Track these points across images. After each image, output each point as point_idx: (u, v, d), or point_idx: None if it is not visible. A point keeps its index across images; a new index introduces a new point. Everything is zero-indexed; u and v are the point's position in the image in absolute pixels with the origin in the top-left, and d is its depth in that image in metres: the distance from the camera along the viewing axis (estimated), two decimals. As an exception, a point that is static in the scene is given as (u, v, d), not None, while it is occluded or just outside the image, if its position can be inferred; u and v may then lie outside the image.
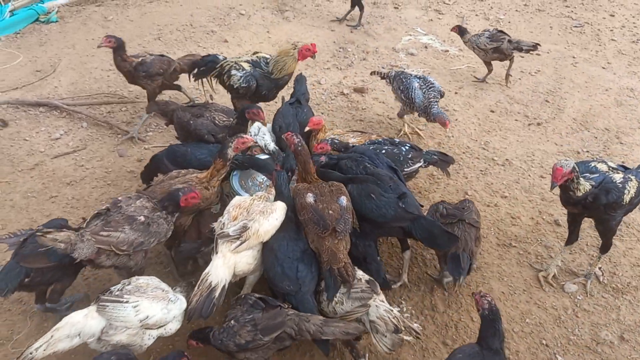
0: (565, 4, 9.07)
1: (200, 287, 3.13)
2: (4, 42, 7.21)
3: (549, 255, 4.32)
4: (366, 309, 3.20)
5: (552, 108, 6.31)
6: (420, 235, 3.65)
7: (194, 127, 4.39)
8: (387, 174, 3.81)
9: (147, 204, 3.46)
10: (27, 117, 5.74)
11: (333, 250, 3.30)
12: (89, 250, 3.21)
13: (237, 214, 3.37)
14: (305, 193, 3.48)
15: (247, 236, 3.24)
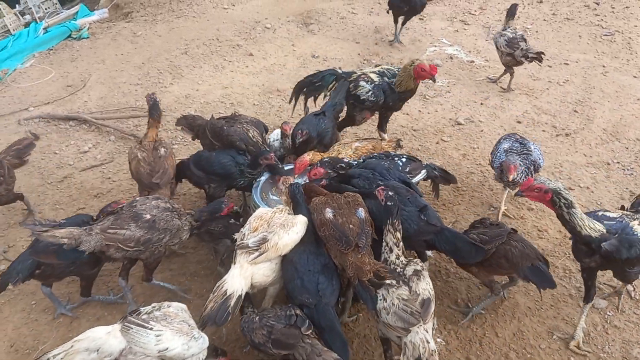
0: (595, 12, 8.91)
1: (215, 294, 3.13)
2: (38, 58, 7.46)
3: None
4: (406, 332, 3.04)
5: (581, 118, 6.18)
6: (445, 248, 3.57)
7: (227, 133, 4.41)
8: (403, 187, 3.76)
9: (161, 204, 3.58)
10: (58, 130, 5.90)
11: (358, 265, 3.24)
12: (96, 244, 3.35)
13: (257, 225, 3.38)
14: (323, 208, 3.43)
15: (265, 248, 3.24)
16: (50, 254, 3.40)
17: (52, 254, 3.40)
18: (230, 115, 4.82)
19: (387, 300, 3.11)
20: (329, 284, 3.29)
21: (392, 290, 3.13)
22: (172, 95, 6.61)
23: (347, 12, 8.98)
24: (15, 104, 6.39)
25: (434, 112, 6.36)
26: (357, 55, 7.66)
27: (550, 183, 3.29)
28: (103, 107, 6.32)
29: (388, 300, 3.10)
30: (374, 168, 3.95)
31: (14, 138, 5.72)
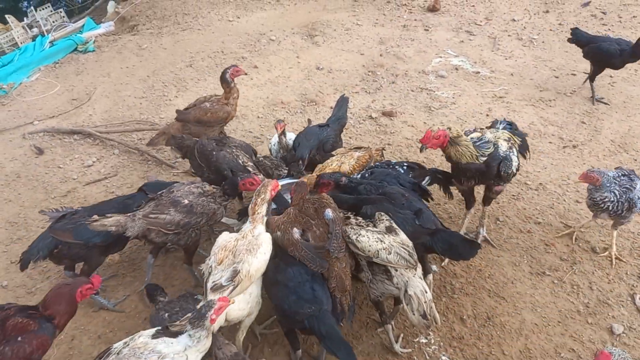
0: (602, 22, 8.84)
1: None
2: (44, 71, 7.50)
3: (585, 285, 4.12)
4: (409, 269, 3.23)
5: (588, 129, 6.10)
6: (442, 248, 3.51)
7: (215, 159, 4.34)
8: (399, 191, 3.74)
9: (195, 189, 3.83)
10: (62, 144, 5.91)
11: (341, 277, 3.23)
12: (140, 229, 3.64)
13: (223, 257, 3.21)
14: (290, 228, 3.34)
15: (239, 279, 3.09)
16: (67, 232, 3.64)
17: (69, 233, 3.64)
18: (219, 137, 4.74)
19: (385, 242, 3.26)
20: (323, 290, 3.24)
21: (385, 235, 3.32)
22: (177, 108, 6.58)
23: (352, 24, 8.98)
24: (21, 118, 6.42)
25: (439, 123, 6.31)
26: (361, 67, 7.64)
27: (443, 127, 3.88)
28: (108, 121, 6.32)
29: (386, 242, 3.27)
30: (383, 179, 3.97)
31: (19, 152, 5.79)
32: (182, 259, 4.27)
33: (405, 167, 4.35)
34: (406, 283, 3.20)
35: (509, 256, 4.42)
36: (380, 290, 3.36)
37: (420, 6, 9.72)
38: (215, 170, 4.32)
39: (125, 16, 9.63)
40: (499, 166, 3.94)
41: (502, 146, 4.00)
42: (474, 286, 4.14)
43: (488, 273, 4.25)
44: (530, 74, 7.43)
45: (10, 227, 4.81)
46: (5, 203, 5.08)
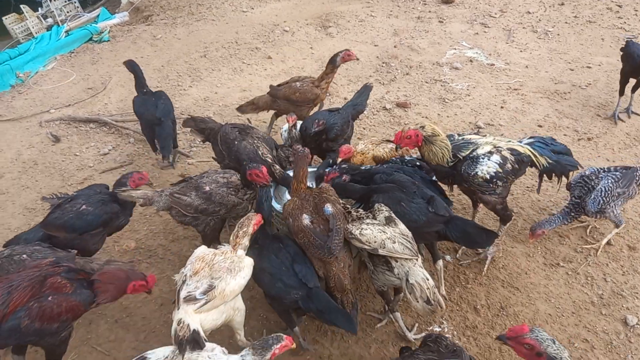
0: (618, 15, 8.76)
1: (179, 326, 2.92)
2: (59, 61, 7.55)
3: (599, 277, 4.11)
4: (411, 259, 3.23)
5: (603, 122, 6.07)
6: (456, 236, 3.54)
7: (236, 148, 4.36)
8: (408, 179, 3.73)
9: (220, 179, 3.88)
10: (78, 133, 5.96)
11: (340, 277, 3.26)
12: (165, 205, 3.79)
13: (199, 268, 3.12)
14: (300, 214, 3.37)
15: (212, 296, 3.01)
16: (60, 228, 3.61)
17: (62, 228, 3.61)
18: (244, 125, 4.72)
19: (388, 232, 3.26)
20: (307, 269, 3.28)
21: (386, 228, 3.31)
22: (191, 97, 6.64)
23: (366, 15, 8.96)
24: (37, 106, 6.48)
25: (453, 115, 6.31)
26: (375, 58, 7.63)
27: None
28: (123, 110, 6.36)
29: (389, 233, 3.26)
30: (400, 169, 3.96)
31: (36, 140, 5.85)
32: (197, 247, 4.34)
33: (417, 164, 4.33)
34: (407, 273, 3.22)
35: (523, 247, 4.42)
36: (381, 281, 3.38)
37: (435, -2, 9.68)
38: (235, 159, 4.35)
39: (140, 6, 9.67)
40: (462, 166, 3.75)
41: (481, 149, 3.78)
42: (488, 276, 4.15)
43: (502, 263, 4.26)
44: (545, 66, 7.38)
45: (28, 213, 4.88)
46: (23, 189, 5.15)
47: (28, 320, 2.79)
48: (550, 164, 3.94)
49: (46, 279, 2.92)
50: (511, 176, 3.83)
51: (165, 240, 4.51)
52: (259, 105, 5.41)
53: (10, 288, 2.84)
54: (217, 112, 6.34)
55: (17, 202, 4.99)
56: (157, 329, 3.76)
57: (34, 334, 2.85)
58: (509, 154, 3.79)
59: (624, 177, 4.20)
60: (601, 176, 4.23)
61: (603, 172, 4.28)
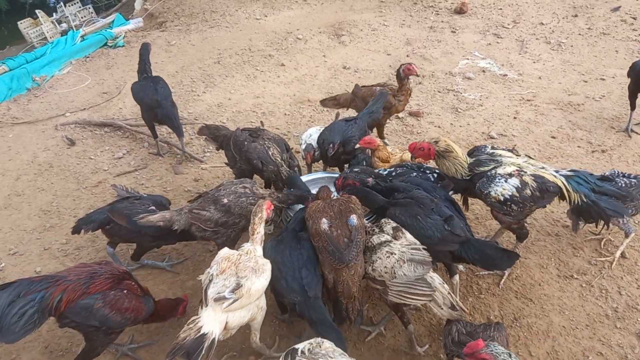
0: (632, 27, 8.75)
1: (189, 327, 2.96)
2: (75, 65, 7.63)
3: (614, 290, 4.09)
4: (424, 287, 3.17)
5: (617, 135, 6.04)
6: (473, 258, 3.48)
7: (246, 149, 4.43)
8: (428, 197, 3.70)
9: (240, 189, 3.85)
10: (93, 136, 6.01)
11: (349, 284, 3.25)
12: (185, 223, 3.74)
13: (225, 267, 3.20)
14: (319, 218, 3.40)
15: (240, 294, 3.07)
16: (123, 216, 3.76)
17: (125, 217, 3.75)
18: (256, 128, 4.79)
19: (396, 252, 3.23)
20: (313, 275, 3.30)
21: (392, 244, 3.28)
22: (205, 103, 6.69)
23: (379, 24, 9.00)
24: (53, 110, 6.55)
25: (466, 125, 6.31)
26: (388, 67, 7.66)
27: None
28: (137, 114, 6.40)
29: (397, 252, 3.23)
30: (419, 184, 3.89)
31: (51, 142, 5.91)
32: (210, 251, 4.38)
33: (436, 174, 4.31)
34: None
35: (536, 258, 4.40)
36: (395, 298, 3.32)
37: (448, 8, 9.71)
38: (246, 161, 4.39)
39: (154, 13, 9.76)
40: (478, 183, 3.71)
41: (502, 169, 3.72)
42: (501, 287, 4.13)
43: (515, 274, 4.24)
44: (559, 77, 7.38)
45: (44, 215, 4.92)
46: (38, 192, 5.20)
47: (102, 303, 3.09)
48: (586, 203, 3.72)
49: (124, 280, 3.26)
50: (529, 203, 3.70)
51: (179, 244, 4.53)
52: (340, 102, 5.61)
53: (93, 274, 3.17)
54: (230, 118, 6.38)
55: (32, 204, 5.04)
56: (170, 332, 3.77)
57: (99, 319, 3.09)
58: (532, 179, 3.66)
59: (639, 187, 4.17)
60: (617, 180, 4.19)
61: (622, 176, 4.25)
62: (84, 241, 4.62)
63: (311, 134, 5.01)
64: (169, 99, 5.46)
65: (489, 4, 9.87)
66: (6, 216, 4.90)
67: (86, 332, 3.21)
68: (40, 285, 3.03)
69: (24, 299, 2.94)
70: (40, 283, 3.05)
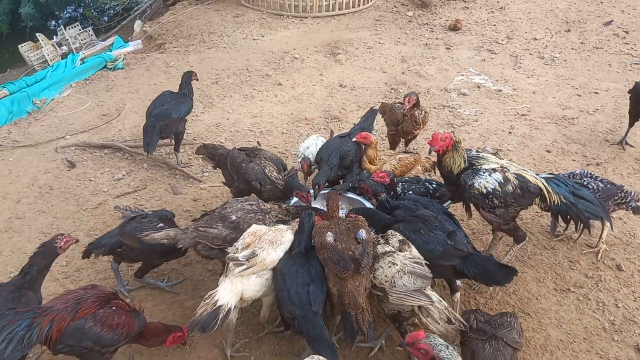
0: (625, 40, 8.88)
1: (205, 302, 3.24)
2: (75, 88, 7.72)
3: (611, 302, 4.11)
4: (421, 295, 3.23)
5: (612, 148, 6.11)
6: (474, 273, 3.53)
7: (244, 170, 4.47)
8: (432, 215, 3.77)
9: (247, 206, 3.89)
10: (93, 158, 6.07)
11: (354, 294, 3.28)
12: (190, 241, 3.73)
13: (250, 242, 3.50)
14: (325, 232, 3.49)
15: (253, 262, 3.35)
16: (135, 238, 3.75)
17: (136, 239, 3.75)
18: (252, 147, 4.87)
19: (397, 263, 3.30)
20: (320, 292, 3.35)
21: (396, 255, 3.35)
22: (203, 124, 6.76)
23: (374, 42, 9.11)
24: (53, 132, 6.61)
25: (462, 140, 6.34)
26: (384, 84, 7.75)
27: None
28: (137, 136, 6.48)
29: (398, 263, 3.30)
30: (417, 200, 3.99)
31: (51, 165, 5.96)
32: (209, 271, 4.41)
33: (434, 184, 4.42)
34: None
35: (533, 272, 4.43)
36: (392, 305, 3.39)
37: (442, 25, 9.85)
38: (245, 182, 4.45)
39: (153, 35, 9.88)
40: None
41: (487, 165, 3.86)
42: (499, 302, 4.16)
43: (512, 289, 4.27)
44: (553, 92, 7.47)
45: (44, 238, 4.94)
46: (39, 214, 5.24)
47: (92, 322, 3.15)
48: (564, 204, 3.78)
49: (111, 300, 3.31)
50: (510, 199, 3.78)
51: (178, 265, 4.56)
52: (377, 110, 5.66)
53: (79, 300, 3.20)
54: (228, 138, 6.44)
55: (33, 227, 5.08)
56: (170, 352, 3.79)
57: (92, 338, 3.14)
58: (514, 177, 3.78)
59: (606, 191, 4.35)
60: (585, 181, 4.37)
61: (590, 177, 4.44)
62: (84, 263, 4.64)
63: (308, 146, 5.12)
64: (161, 116, 5.54)
65: (482, 20, 10.01)
66: (7, 239, 4.94)
67: (80, 355, 3.23)
68: (26, 315, 3.06)
69: (9, 327, 2.96)
70: (26, 313, 3.07)
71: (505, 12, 10.32)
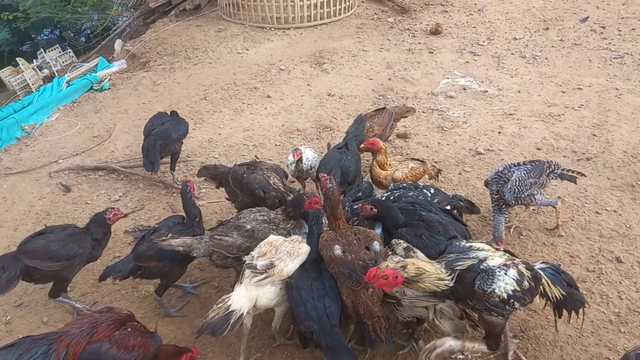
0: (602, 36, 9.08)
1: (218, 306, 3.33)
2: (63, 111, 7.68)
3: (615, 295, 4.20)
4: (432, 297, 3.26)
5: (600, 142, 6.24)
6: None
7: (246, 181, 4.53)
8: (436, 220, 3.82)
9: (259, 216, 4.00)
10: (88, 181, 6.04)
11: (369, 304, 3.32)
12: (205, 250, 3.82)
13: (266, 251, 3.59)
14: (332, 245, 3.48)
15: (271, 273, 3.44)
16: (150, 258, 3.88)
17: (152, 258, 3.88)
18: (251, 161, 4.93)
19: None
20: (335, 305, 3.40)
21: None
22: (196, 140, 6.76)
23: (358, 50, 9.20)
24: (45, 157, 6.56)
25: (453, 143, 6.46)
26: (371, 91, 7.82)
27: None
28: (130, 156, 6.46)
29: None
30: (414, 202, 4.04)
31: (46, 190, 5.92)
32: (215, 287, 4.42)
33: (432, 190, 4.47)
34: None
35: (536, 269, 4.50)
36: (407, 312, 3.46)
37: (423, 30, 9.98)
38: (248, 192, 4.49)
39: (136, 53, 9.86)
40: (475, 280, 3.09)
41: (492, 261, 3.18)
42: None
43: (517, 287, 4.33)
44: (537, 90, 7.61)
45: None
46: (38, 241, 5.19)
47: (109, 344, 3.16)
48: (564, 297, 3.46)
49: (126, 322, 3.33)
50: (528, 296, 3.26)
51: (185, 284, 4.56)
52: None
53: (95, 323, 3.23)
54: (222, 153, 6.46)
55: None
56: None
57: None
58: (524, 268, 3.27)
59: (535, 169, 4.67)
60: (513, 170, 4.66)
61: (514, 166, 4.73)
62: (88, 287, 4.63)
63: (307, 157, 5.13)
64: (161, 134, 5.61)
65: (462, 23, 10.16)
66: (7, 268, 4.89)
67: None
68: (42, 342, 3.10)
69: (26, 354, 3.01)
70: (42, 340, 3.12)
71: (484, 14, 10.49)
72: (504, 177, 4.64)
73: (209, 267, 4.71)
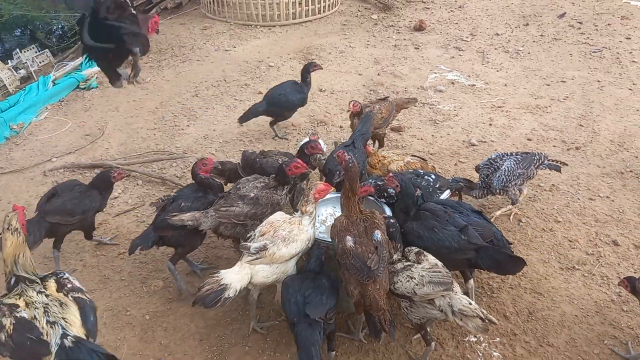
0: (580, 31, 9.37)
1: (212, 280, 3.48)
2: (51, 110, 7.55)
3: (614, 276, 4.38)
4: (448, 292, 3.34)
5: (587, 132, 6.47)
6: (488, 265, 3.72)
7: (259, 164, 4.69)
8: (440, 208, 3.93)
9: (258, 184, 4.17)
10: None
11: (375, 297, 3.37)
12: (212, 223, 3.98)
13: (266, 231, 3.72)
14: (344, 236, 3.50)
15: (263, 255, 3.61)
16: (168, 227, 3.98)
17: (169, 227, 3.98)
18: (260, 151, 5.01)
19: (416, 277, 3.42)
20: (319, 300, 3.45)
21: (414, 267, 3.49)
22: (191, 137, 6.74)
23: (345, 46, 9.28)
24: (37, 156, 6.45)
25: (446, 135, 6.60)
26: (362, 86, 7.91)
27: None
28: (125, 153, 6.41)
29: (417, 277, 3.42)
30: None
31: (42, 189, 5.83)
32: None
33: (434, 176, 4.59)
34: (450, 304, 3.35)
35: (537, 254, 4.66)
36: (421, 314, 3.49)
37: (407, 26, 10.12)
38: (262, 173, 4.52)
39: (119, 51, 9.73)
40: None
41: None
42: (511, 284, 4.36)
43: (522, 271, 4.45)
44: (523, 83, 7.82)
45: (48, 262, 4.85)
46: (38, 240, 5.11)
47: None
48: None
49: None
50: None
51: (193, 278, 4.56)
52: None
53: None
54: (218, 149, 6.46)
55: (35, 253, 4.93)
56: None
57: None
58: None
59: (524, 160, 4.86)
60: (505, 159, 4.86)
61: (506, 155, 4.93)
62: (96, 284, 4.60)
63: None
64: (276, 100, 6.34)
65: (444, 19, 10.35)
66: (9, 268, 4.81)
67: None
68: None
69: None
70: None
71: (465, 11, 10.70)
72: (495, 164, 4.86)
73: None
